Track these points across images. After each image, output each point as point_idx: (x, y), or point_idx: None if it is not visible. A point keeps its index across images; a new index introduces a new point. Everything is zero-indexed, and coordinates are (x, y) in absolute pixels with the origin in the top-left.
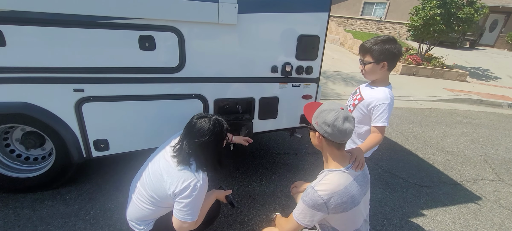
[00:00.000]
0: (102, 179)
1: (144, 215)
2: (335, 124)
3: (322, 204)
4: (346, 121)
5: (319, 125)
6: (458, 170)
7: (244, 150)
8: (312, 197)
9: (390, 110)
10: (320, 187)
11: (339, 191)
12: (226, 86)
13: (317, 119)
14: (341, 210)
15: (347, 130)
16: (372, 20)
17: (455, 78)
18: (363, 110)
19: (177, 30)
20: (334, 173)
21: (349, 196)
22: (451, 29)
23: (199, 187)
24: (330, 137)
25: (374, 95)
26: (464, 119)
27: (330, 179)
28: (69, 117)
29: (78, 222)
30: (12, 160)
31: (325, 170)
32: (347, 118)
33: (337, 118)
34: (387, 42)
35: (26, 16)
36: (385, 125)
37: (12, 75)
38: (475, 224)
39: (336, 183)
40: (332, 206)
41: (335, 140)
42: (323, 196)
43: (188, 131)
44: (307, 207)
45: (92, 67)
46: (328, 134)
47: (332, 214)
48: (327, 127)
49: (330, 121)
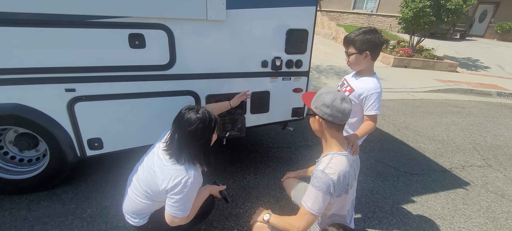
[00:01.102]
0: (97, 178)
1: (139, 209)
2: (333, 104)
3: (331, 186)
4: (343, 101)
5: (318, 107)
6: (447, 157)
7: (239, 145)
8: (325, 181)
9: (380, 98)
10: (329, 170)
11: (345, 173)
12: (217, 82)
13: (316, 102)
14: (343, 192)
15: (345, 109)
16: (363, 14)
17: (446, 69)
18: (354, 101)
19: (166, 28)
20: (339, 155)
21: (350, 178)
22: (440, 21)
23: (190, 184)
24: (330, 118)
25: (365, 86)
26: (454, 108)
27: (337, 161)
28: (62, 117)
29: (75, 221)
30: (6, 162)
31: (329, 153)
32: (344, 98)
33: (335, 98)
34: (369, 33)
35: (15, 17)
36: (377, 113)
37: (3, 77)
38: (463, 208)
39: (343, 164)
40: (338, 188)
41: (335, 121)
42: (333, 178)
43: (178, 123)
44: (321, 193)
45: (83, 66)
46: (327, 115)
47: (335, 197)
48: (326, 108)
49: (329, 101)
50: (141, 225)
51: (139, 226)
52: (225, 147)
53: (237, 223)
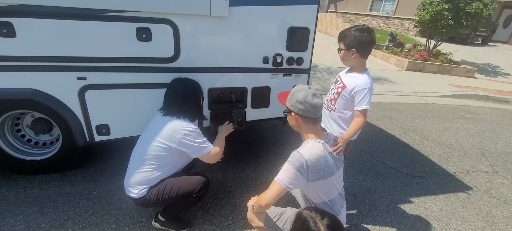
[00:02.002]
0: (105, 163)
1: (140, 179)
2: (306, 100)
3: (304, 165)
4: (314, 96)
5: (293, 105)
6: (452, 162)
7: (242, 140)
8: (298, 157)
9: (371, 94)
10: (303, 151)
11: (318, 157)
12: (219, 76)
13: (291, 100)
14: (318, 177)
15: (317, 104)
16: (380, 17)
17: (463, 75)
18: (346, 96)
19: (172, 22)
20: (314, 141)
21: (326, 164)
22: (459, 25)
23: (193, 129)
24: (304, 113)
25: (355, 82)
26: (467, 114)
27: (311, 145)
28: (73, 103)
29: (82, 201)
30: (23, 144)
31: (306, 140)
32: (315, 94)
33: (307, 95)
34: (358, 31)
35: (34, 10)
36: (367, 108)
37: (22, 64)
38: (461, 211)
39: (317, 149)
40: (311, 170)
41: (309, 115)
42: (305, 158)
43: (168, 90)
44: (292, 168)
45: (94, 57)
46: (302, 110)
47: (310, 182)
48: (300, 104)
49: (301, 98)
50: (141, 196)
51: (139, 197)
52: (227, 141)
53: (233, 212)
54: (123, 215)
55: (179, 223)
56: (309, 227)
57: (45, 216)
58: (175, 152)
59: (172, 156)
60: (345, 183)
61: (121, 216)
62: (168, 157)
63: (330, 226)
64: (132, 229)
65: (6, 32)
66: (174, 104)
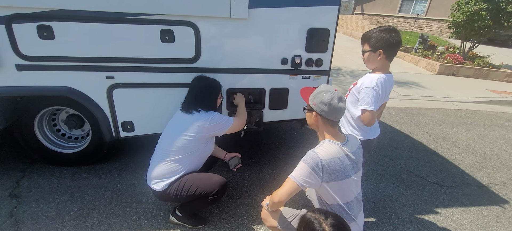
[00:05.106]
0: (129, 159)
1: (164, 171)
2: (331, 103)
3: (319, 164)
4: (340, 101)
5: (316, 104)
6: (487, 172)
7: (260, 141)
8: (313, 156)
9: (375, 95)
10: (318, 150)
11: (334, 157)
12: (238, 77)
13: (314, 99)
14: (333, 178)
15: (341, 108)
16: (410, 18)
17: (503, 79)
18: (355, 94)
19: (193, 25)
20: (330, 142)
21: (342, 166)
22: (499, 26)
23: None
24: (326, 115)
25: (363, 81)
26: (506, 122)
27: (327, 145)
28: (102, 100)
29: (107, 193)
30: (58, 137)
31: (322, 140)
32: (341, 98)
33: (333, 97)
34: (385, 31)
35: (70, 14)
36: (367, 108)
37: (59, 64)
38: (495, 226)
39: (333, 150)
40: (326, 170)
41: (330, 118)
42: (321, 157)
43: (190, 89)
44: (307, 166)
45: (122, 57)
46: (324, 112)
47: (325, 182)
48: (324, 106)
49: (327, 100)
50: (163, 190)
51: (161, 190)
52: (246, 142)
53: (248, 211)
54: (143, 208)
55: (195, 219)
56: (314, 228)
57: (74, 204)
58: (202, 140)
59: (199, 145)
60: (364, 189)
61: (142, 209)
62: (194, 146)
63: (335, 225)
64: (151, 222)
65: (47, 35)
66: (196, 100)
